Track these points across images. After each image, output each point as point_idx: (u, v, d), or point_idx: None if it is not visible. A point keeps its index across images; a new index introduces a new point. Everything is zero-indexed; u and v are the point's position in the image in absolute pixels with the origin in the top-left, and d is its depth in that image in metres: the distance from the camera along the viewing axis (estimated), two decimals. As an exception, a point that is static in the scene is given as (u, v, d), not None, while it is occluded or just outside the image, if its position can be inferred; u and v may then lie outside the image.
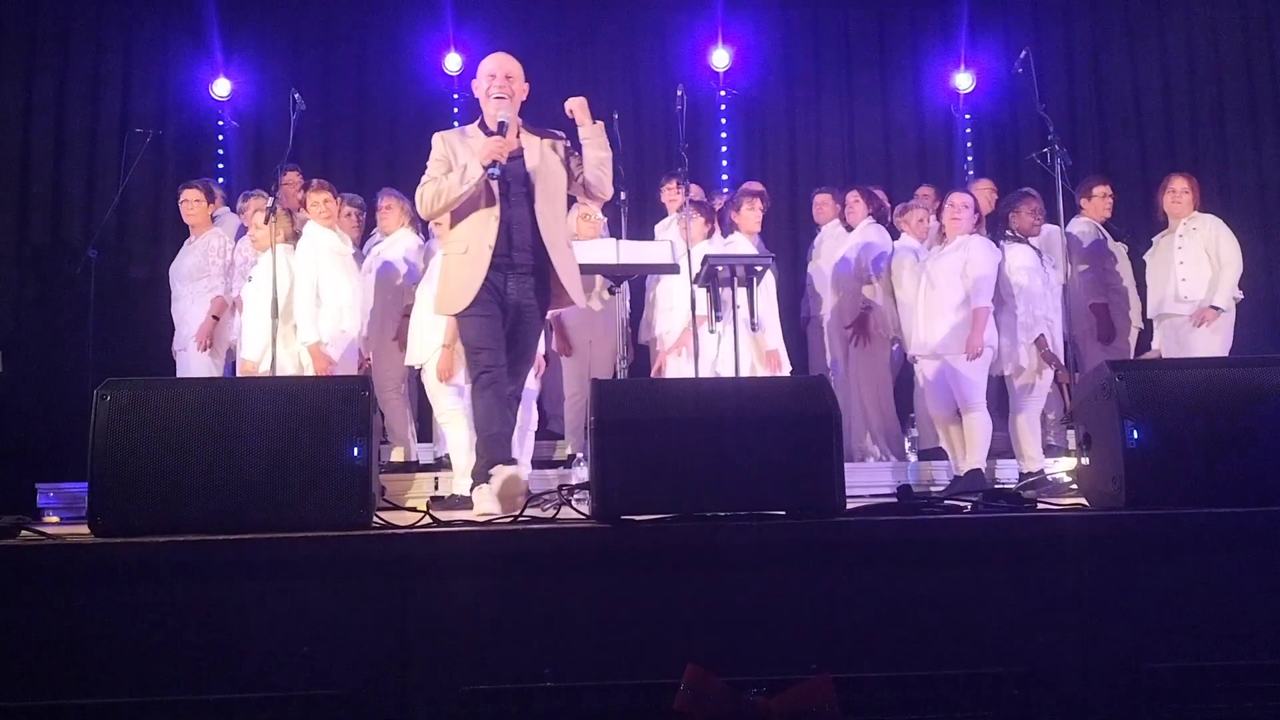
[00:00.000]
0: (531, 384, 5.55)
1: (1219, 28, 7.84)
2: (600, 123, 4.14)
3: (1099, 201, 6.13)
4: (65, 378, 6.40)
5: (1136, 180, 7.52)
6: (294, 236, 5.33)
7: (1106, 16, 7.95)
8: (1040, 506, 2.78)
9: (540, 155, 4.09)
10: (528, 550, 2.33)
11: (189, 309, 5.82)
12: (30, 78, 7.32)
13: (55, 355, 6.72)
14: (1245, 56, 7.77)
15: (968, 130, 7.92)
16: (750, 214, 5.76)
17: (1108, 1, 7.95)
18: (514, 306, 4.04)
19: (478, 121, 4.14)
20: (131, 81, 7.48)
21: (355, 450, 2.49)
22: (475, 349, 4.04)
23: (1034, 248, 5.65)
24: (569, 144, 4.19)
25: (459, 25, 7.57)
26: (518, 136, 4.09)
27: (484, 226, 4.00)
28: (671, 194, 6.53)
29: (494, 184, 3.96)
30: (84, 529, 2.50)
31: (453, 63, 7.65)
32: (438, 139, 4.10)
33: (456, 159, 3.99)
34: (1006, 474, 5.66)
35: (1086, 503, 2.88)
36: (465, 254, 3.98)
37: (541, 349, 5.70)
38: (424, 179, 4.07)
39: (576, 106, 4.12)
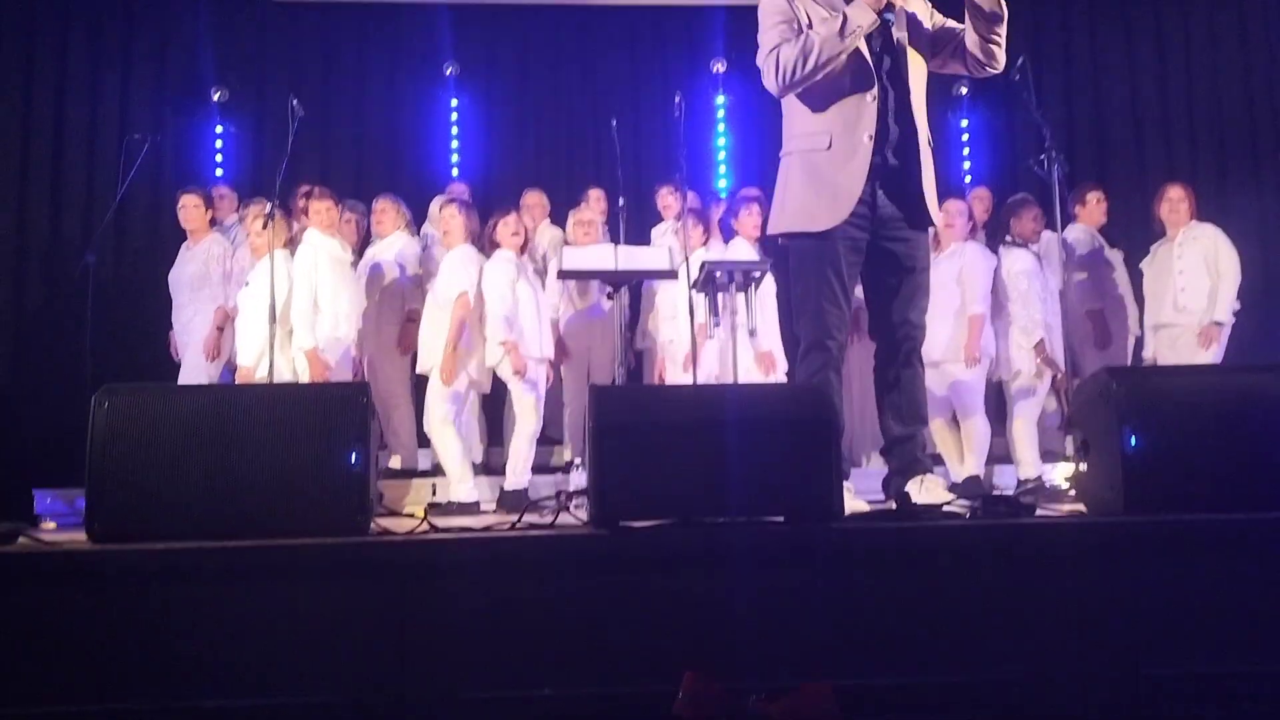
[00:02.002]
0: (542, 388, 5.56)
1: (1217, 38, 7.87)
2: None
3: (1093, 208, 6.16)
4: (63, 383, 6.38)
5: (1134, 188, 7.53)
6: (290, 243, 5.34)
7: (1104, 25, 7.97)
8: (1039, 513, 2.78)
9: (904, 19, 3.14)
10: (526, 557, 2.33)
11: (192, 319, 5.83)
12: (29, 84, 7.32)
13: (53, 361, 6.71)
14: (1243, 66, 7.80)
15: (964, 137, 7.94)
16: (749, 219, 5.78)
17: (1105, 10, 7.97)
18: (884, 222, 3.12)
19: None
20: (130, 88, 7.48)
21: (353, 456, 2.48)
22: (823, 301, 3.08)
23: (1033, 253, 5.67)
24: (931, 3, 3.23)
25: (457, 33, 7.58)
26: None
27: (859, 111, 3.04)
28: (665, 200, 6.54)
29: (866, 51, 3.02)
30: (81, 535, 2.49)
31: (451, 69, 7.66)
32: None
33: (809, 20, 3.06)
34: (1004, 480, 5.66)
35: (1085, 509, 2.88)
36: (829, 150, 3.05)
37: (551, 355, 5.70)
38: (767, 47, 3.09)
39: None
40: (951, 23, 3.22)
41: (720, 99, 7.77)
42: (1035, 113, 5.31)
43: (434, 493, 5.59)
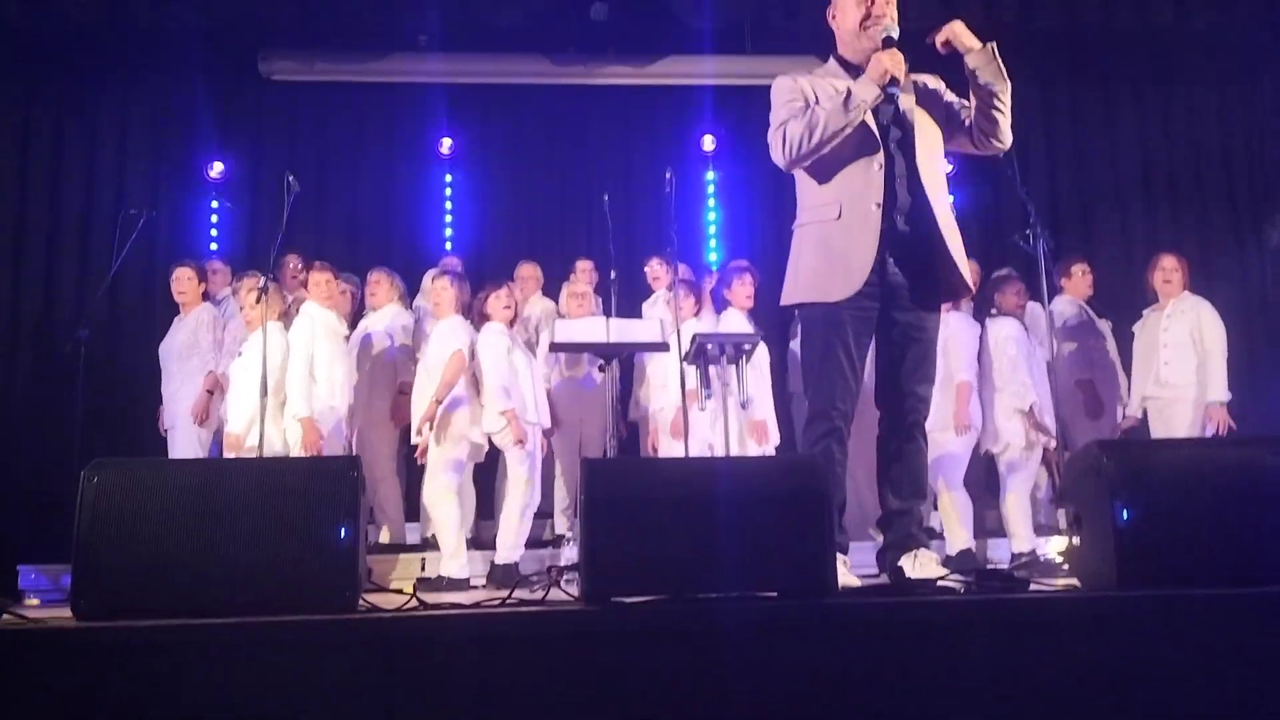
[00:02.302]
0: (538, 457, 5.55)
1: (1196, 115, 8.06)
2: (992, 45, 3.08)
3: (1079, 280, 6.24)
4: (51, 458, 6.35)
5: (1120, 262, 7.65)
6: (284, 315, 5.37)
7: (1086, 104, 8.17)
8: (1033, 587, 2.76)
9: (913, 94, 3.19)
10: (516, 634, 2.30)
11: (180, 388, 5.82)
12: (25, 156, 7.42)
13: (42, 434, 6.68)
14: (1221, 143, 7.99)
15: (952, 211, 8.05)
16: (741, 289, 5.84)
17: (1088, 90, 8.17)
18: (893, 291, 3.12)
19: (829, 60, 3.30)
20: (126, 162, 7.58)
21: (342, 531, 2.46)
22: (829, 372, 3.08)
23: (1020, 321, 5.72)
24: (944, 82, 3.28)
25: (452, 110, 7.72)
26: None
27: (865, 180, 3.07)
28: (655, 272, 6.61)
29: (872, 123, 3.07)
30: (66, 612, 2.46)
31: (446, 146, 7.78)
32: (784, 79, 3.20)
33: (815, 98, 3.13)
34: (998, 553, 5.63)
35: (1078, 583, 2.86)
36: (839, 220, 3.08)
37: (548, 423, 5.69)
38: (776, 123, 3.15)
39: (957, 31, 3.08)
40: (961, 100, 3.29)
41: (710, 175, 7.90)
42: (1020, 190, 5.40)
43: (423, 568, 5.53)
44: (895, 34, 3.08)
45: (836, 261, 3.07)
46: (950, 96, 3.30)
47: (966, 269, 3.22)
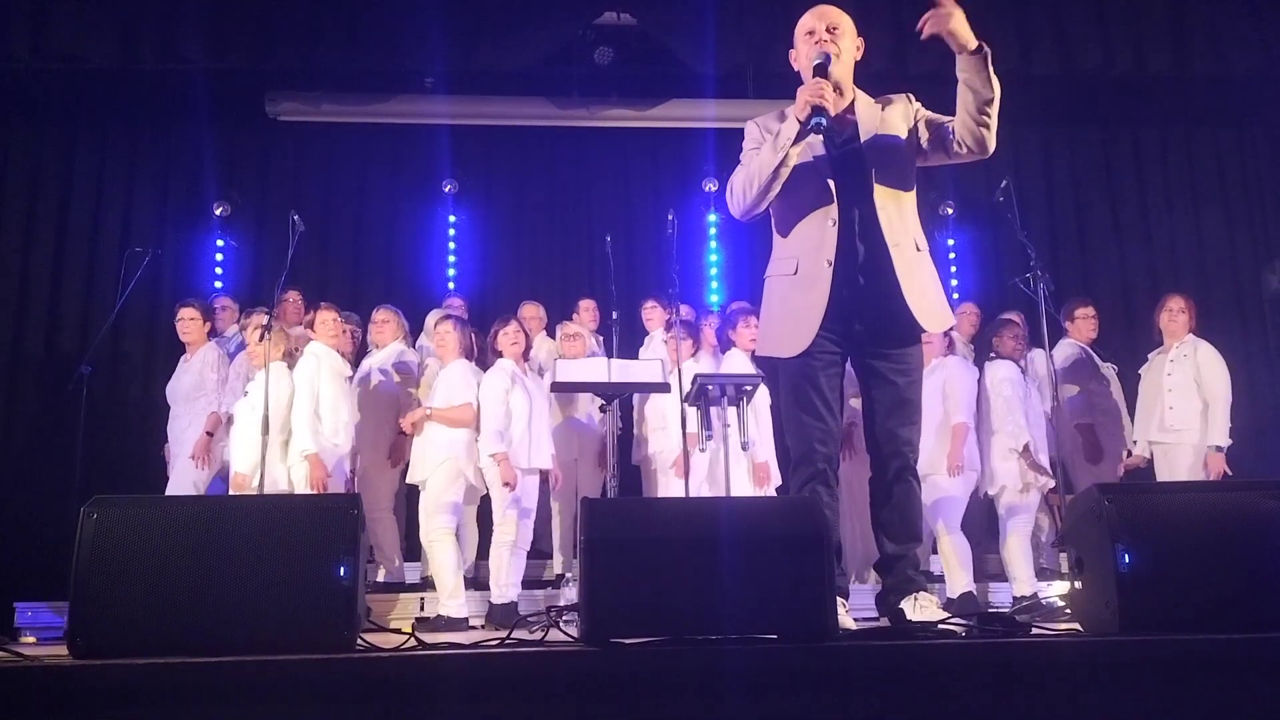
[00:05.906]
0: (528, 501, 5.54)
1: (1194, 159, 8.12)
2: (986, 50, 2.88)
3: (1082, 323, 6.24)
4: (51, 494, 6.34)
5: (1119, 304, 7.67)
6: (289, 354, 5.39)
7: (1083, 147, 8.23)
8: (1034, 631, 2.75)
9: (878, 124, 3.05)
10: (514, 674, 2.28)
11: (187, 429, 5.81)
12: (33, 196, 7.47)
13: (42, 471, 6.67)
14: (1220, 185, 8.04)
15: (951, 255, 8.10)
16: (746, 331, 5.87)
17: (1084, 134, 8.24)
18: (859, 342, 3.07)
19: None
20: (133, 202, 7.64)
21: (342, 570, 2.45)
22: (805, 415, 3.04)
23: (1017, 364, 5.72)
24: (917, 102, 3.15)
25: (456, 151, 7.79)
26: (851, 103, 3.03)
27: (819, 232, 2.97)
28: (648, 314, 6.63)
29: (830, 177, 2.97)
30: (62, 649, 2.45)
31: (450, 187, 7.84)
32: (751, 124, 3.12)
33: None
34: (999, 597, 5.61)
35: (1080, 628, 2.85)
36: (795, 275, 3.03)
37: (547, 465, 5.68)
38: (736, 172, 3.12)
39: (956, 24, 2.82)
40: (934, 116, 3.17)
41: (712, 217, 7.95)
42: (1020, 234, 5.43)
43: (421, 608, 5.51)
44: (828, 59, 2.91)
45: (790, 319, 3.06)
46: (923, 115, 3.16)
47: (929, 311, 3.07)
